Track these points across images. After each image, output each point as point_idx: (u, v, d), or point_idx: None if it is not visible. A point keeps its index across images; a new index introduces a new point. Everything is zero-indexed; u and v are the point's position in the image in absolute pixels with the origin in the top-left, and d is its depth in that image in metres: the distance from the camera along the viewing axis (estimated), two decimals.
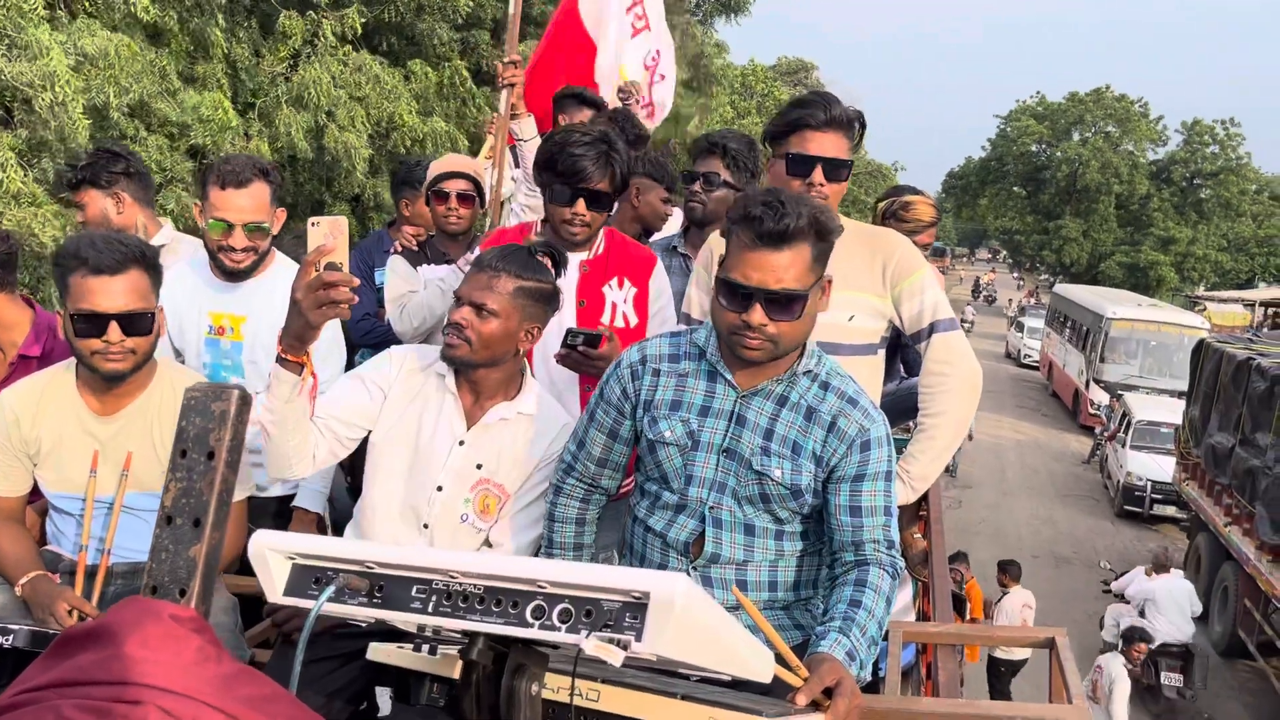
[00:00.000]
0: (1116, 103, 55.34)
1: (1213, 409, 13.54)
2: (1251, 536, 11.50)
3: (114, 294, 2.33)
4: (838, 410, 2.06)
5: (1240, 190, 53.03)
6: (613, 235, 2.93)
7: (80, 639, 0.99)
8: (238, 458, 1.28)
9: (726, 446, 2.07)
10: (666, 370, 2.15)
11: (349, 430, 2.35)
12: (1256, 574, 11.15)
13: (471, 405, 2.38)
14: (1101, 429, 21.93)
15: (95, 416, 2.48)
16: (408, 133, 10.80)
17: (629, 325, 2.85)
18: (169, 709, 0.91)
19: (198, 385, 1.32)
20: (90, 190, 3.40)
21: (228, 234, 2.87)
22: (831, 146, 2.60)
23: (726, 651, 1.26)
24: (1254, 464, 11.52)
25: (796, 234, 1.92)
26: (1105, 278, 49.41)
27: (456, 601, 1.20)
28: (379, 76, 10.73)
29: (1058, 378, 29.05)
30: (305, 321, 1.97)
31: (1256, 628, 11.37)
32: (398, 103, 10.91)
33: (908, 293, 2.72)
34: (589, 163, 2.67)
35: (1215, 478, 13.06)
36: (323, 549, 1.31)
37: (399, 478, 2.36)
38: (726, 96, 30.37)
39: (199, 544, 1.20)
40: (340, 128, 10.18)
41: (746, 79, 36.59)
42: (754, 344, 1.97)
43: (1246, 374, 12.29)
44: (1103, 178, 53.25)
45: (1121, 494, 18.03)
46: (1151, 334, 24.63)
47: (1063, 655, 2.76)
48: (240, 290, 2.97)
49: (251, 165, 2.91)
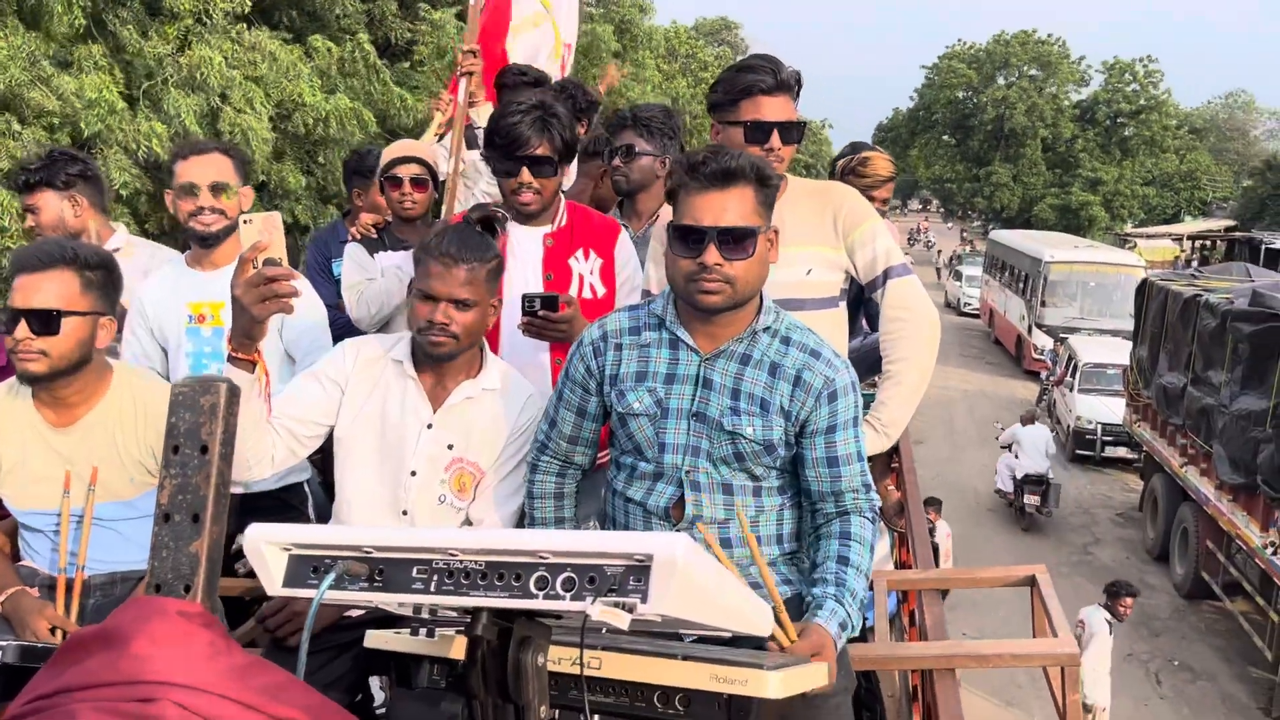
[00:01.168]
0: (1039, 45, 55.66)
1: (1161, 349, 13.36)
2: (1210, 476, 11.33)
3: (29, 291, 2.31)
4: (801, 364, 2.08)
5: (1162, 126, 53.79)
6: (574, 207, 2.92)
7: (87, 643, 1.00)
8: (231, 450, 1.25)
9: (696, 411, 2.09)
10: (628, 343, 2.16)
11: (307, 429, 2.34)
12: (1218, 514, 11.00)
13: (434, 387, 2.39)
14: (1047, 374, 21.90)
15: (53, 429, 2.45)
16: (310, 112, 10.04)
17: (596, 296, 2.83)
18: (185, 704, 0.92)
19: (185, 380, 1.28)
20: (45, 192, 3.31)
21: (193, 196, 2.90)
22: (782, 109, 2.61)
23: (728, 608, 1.28)
24: (1208, 403, 11.33)
25: (739, 173, 1.98)
26: (1038, 221, 49.86)
27: (459, 579, 1.19)
28: (275, 54, 9.95)
29: (999, 324, 29.07)
30: (250, 317, 1.95)
31: (1220, 569, 11.24)
32: (298, 81, 10.15)
33: (859, 241, 2.74)
34: (525, 128, 2.67)
35: (1168, 418, 12.89)
36: (319, 538, 1.30)
37: (371, 469, 2.38)
38: (653, 60, 29.84)
39: (199, 539, 1.19)
40: (237, 110, 9.40)
41: (670, 41, 36.04)
42: (711, 286, 1.99)
43: (1195, 311, 12.08)
44: (1029, 121, 53.63)
45: (1072, 438, 17.94)
46: (1090, 275, 24.65)
47: (1044, 592, 2.81)
48: (217, 278, 2.96)
49: (210, 140, 3.13)
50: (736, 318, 2.08)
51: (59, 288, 2.33)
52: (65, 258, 2.35)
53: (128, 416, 2.47)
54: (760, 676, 1.36)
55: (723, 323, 2.08)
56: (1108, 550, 13.89)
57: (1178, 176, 53.86)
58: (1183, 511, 12.50)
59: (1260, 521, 9.92)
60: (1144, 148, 53.64)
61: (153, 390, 2.53)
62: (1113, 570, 13.14)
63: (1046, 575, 2.93)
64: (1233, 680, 10.42)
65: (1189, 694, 10.02)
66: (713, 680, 1.37)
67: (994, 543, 13.70)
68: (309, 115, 10.08)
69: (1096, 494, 16.43)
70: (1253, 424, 10.03)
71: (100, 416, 2.46)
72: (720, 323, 2.07)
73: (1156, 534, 13.50)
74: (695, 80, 35.02)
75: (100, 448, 2.45)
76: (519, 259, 2.79)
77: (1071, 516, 15.28)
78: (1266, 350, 10.01)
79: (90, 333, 2.40)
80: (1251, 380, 10.27)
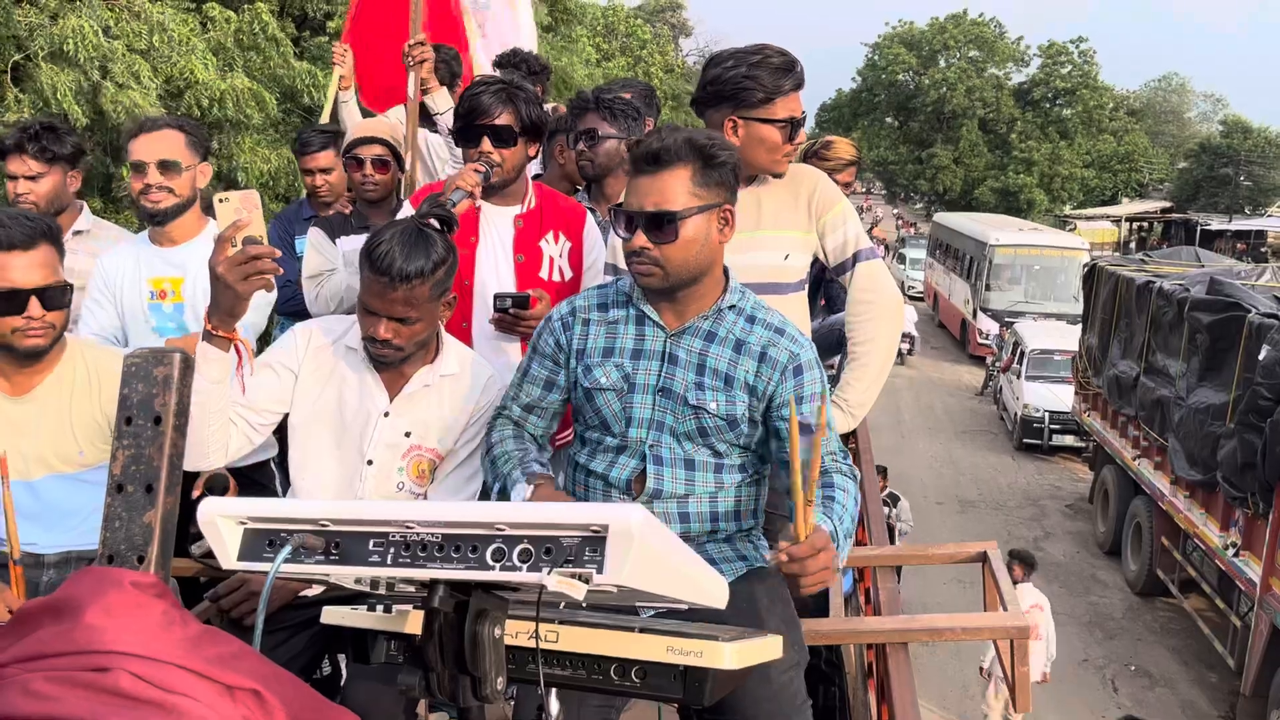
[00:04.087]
0: (975, 26, 55.68)
1: (1112, 337, 12.94)
2: (1164, 471, 10.91)
3: (31, 269, 2.34)
4: (766, 340, 2.10)
5: (1098, 105, 54.14)
6: (542, 189, 2.92)
7: (37, 614, 1.00)
8: (184, 421, 1.23)
9: (662, 386, 2.11)
10: (596, 319, 2.19)
11: (260, 417, 2.33)
12: (1173, 510, 10.58)
13: (391, 374, 2.35)
14: (993, 359, 21.59)
15: (7, 397, 2.44)
16: (203, 91, 9.11)
17: (564, 279, 2.84)
18: (139, 673, 0.92)
19: (138, 351, 1.25)
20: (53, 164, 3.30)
21: (141, 174, 2.92)
22: (798, 104, 2.65)
23: (685, 579, 1.28)
24: (1163, 394, 10.90)
25: (669, 156, 1.98)
26: (980, 204, 49.90)
27: (415, 551, 1.19)
28: (163, 24, 9.01)
29: (943, 308, 28.80)
30: (234, 294, 1.98)
31: (1176, 566, 10.84)
32: (189, 56, 9.22)
33: (830, 225, 2.76)
34: (488, 98, 2.67)
35: (1119, 409, 12.48)
36: (274, 511, 1.27)
37: (327, 457, 2.37)
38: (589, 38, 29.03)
39: (153, 509, 1.18)
40: (119, 86, 8.47)
41: (609, 19, 35.24)
42: (642, 269, 2.03)
43: (1149, 299, 11.64)
44: (969, 102, 53.63)
45: (1020, 427, 17.58)
46: (1035, 258, 24.41)
47: (995, 567, 2.88)
48: (176, 254, 3.01)
49: (164, 117, 3.05)
50: (699, 294, 2.09)
51: (52, 261, 2.38)
52: (44, 231, 2.37)
53: (80, 385, 2.46)
54: (715, 648, 1.36)
55: (686, 299, 2.09)
56: (1059, 544, 13.49)
57: (1115, 158, 54.31)
58: (1135, 505, 12.10)
59: (1220, 520, 9.49)
60: (1081, 129, 53.97)
61: (105, 357, 2.52)
62: (1064, 566, 12.76)
63: (998, 551, 3.00)
64: (1191, 685, 10.03)
65: (1148, 701, 9.59)
66: (668, 652, 1.37)
67: (941, 537, 13.23)
68: (202, 94, 9.15)
69: (1045, 484, 16.07)
70: (1211, 418, 9.57)
71: (54, 385, 2.46)
72: (684, 299, 2.09)
73: (1108, 528, 13.11)
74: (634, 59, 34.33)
75: (51, 415, 2.45)
76: (490, 239, 2.77)
77: (1020, 509, 14.90)
78: (1226, 341, 9.55)
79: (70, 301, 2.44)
80: (1210, 372, 9.82)
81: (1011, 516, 14.47)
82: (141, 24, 9.08)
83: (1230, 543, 9.25)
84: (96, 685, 0.90)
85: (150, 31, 9.06)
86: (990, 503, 15.03)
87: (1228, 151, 51.68)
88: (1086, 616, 11.33)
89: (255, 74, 10.11)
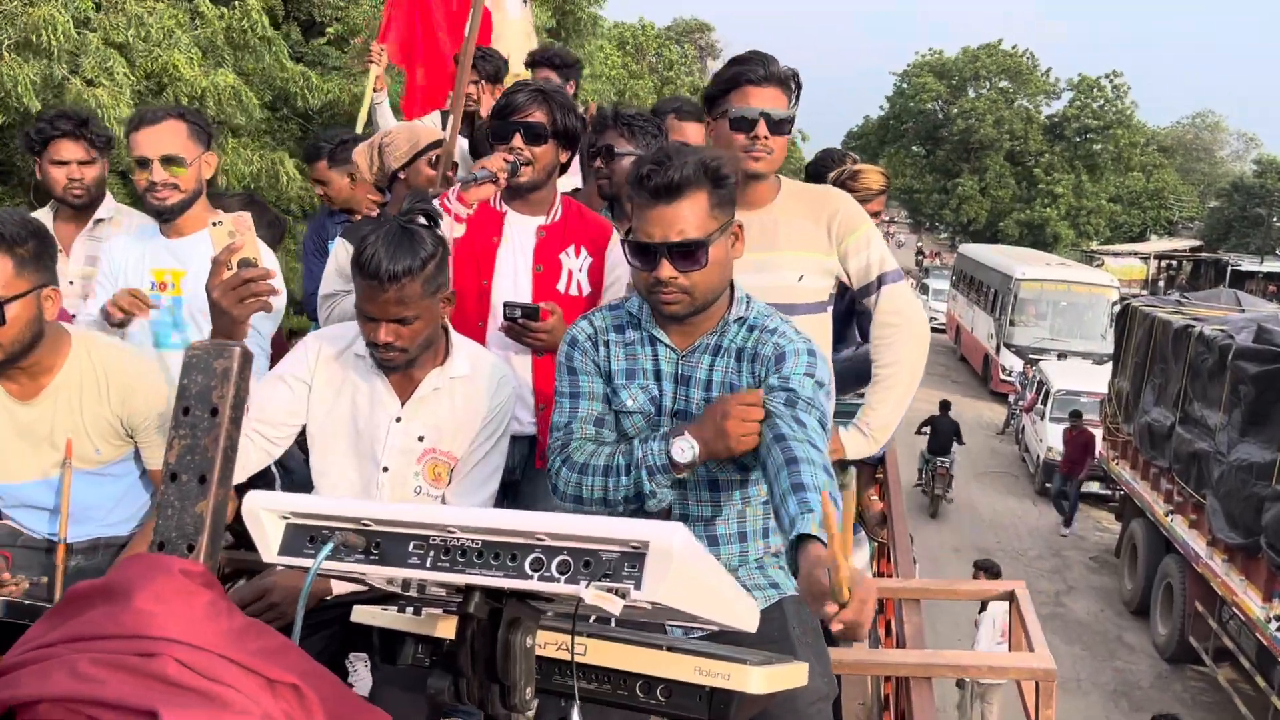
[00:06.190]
0: (1008, 57, 55.00)
1: (1145, 382, 12.18)
2: (1201, 530, 10.13)
3: None
4: (759, 340, 2.11)
5: (1130, 143, 53.32)
6: (569, 204, 2.91)
7: (89, 595, 1.01)
8: (240, 414, 1.26)
9: (677, 409, 2.12)
10: (614, 340, 2.19)
11: (278, 431, 2.36)
12: (1209, 573, 9.80)
13: (401, 379, 2.37)
14: (1016, 397, 20.81)
15: (17, 402, 2.45)
16: (185, 88, 8.55)
17: (582, 294, 2.82)
18: (184, 660, 0.93)
19: (199, 343, 1.28)
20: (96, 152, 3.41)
21: (145, 170, 2.90)
22: (771, 100, 2.64)
23: (718, 600, 1.29)
24: (1201, 447, 10.14)
25: (685, 184, 1.98)
26: (1004, 236, 49.13)
27: (455, 556, 1.20)
28: (142, 17, 8.45)
29: (966, 341, 28.02)
30: (231, 318, 2.02)
31: (1211, 634, 10.03)
32: (172, 50, 8.66)
33: (854, 248, 2.76)
34: (523, 97, 2.70)
35: (1152, 459, 11.72)
36: (318, 508, 1.30)
37: (345, 465, 2.39)
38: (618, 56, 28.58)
39: (205, 500, 1.20)
40: (86, 81, 7.91)
41: (636, 39, 34.89)
42: (670, 298, 2.03)
43: (1187, 343, 10.89)
44: (997, 133, 52.91)
45: (1042, 470, 16.80)
46: (1062, 294, 23.63)
47: (1023, 606, 2.93)
48: (180, 246, 2.99)
49: (167, 107, 3.09)
50: (710, 313, 2.10)
51: None
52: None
53: (89, 384, 2.46)
54: (743, 671, 1.33)
55: (695, 320, 2.10)
56: (1082, 600, 12.69)
57: (1144, 195, 53.41)
58: (1167, 565, 11.30)
59: (1262, 589, 8.72)
60: (1112, 164, 53.14)
61: (113, 356, 2.49)
62: (1088, 625, 11.98)
63: (1025, 591, 2.96)
64: None
65: None
66: (695, 672, 1.35)
67: None
68: (182, 91, 8.58)
69: (1068, 534, 15.24)
70: (1256, 477, 8.82)
71: (61, 384, 2.45)
72: (693, 320, 2.10)
73: (1135, 586, 12.30)
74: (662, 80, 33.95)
75: (64, 418, 2.46)
76: (511, 246, 2.78)
77: (1041, 559, 14.12)
78: (1274, 394, 8.82)
79: (36, 310, 2.33)
80: (1254, 426, 9.08)
81: (1031, 568, 13.68)
82: (120, 15, 8.55)
83: (1274, 615, 8.48)
84: (142, 670, 0.92)
85: (129, 24, 8.52)
86: (1009, 551, 14.23)
87: (1261, 192, 50.64)
88: (1112, 685, 10.55)
89: (248, 73, 9.57)
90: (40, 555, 2.51)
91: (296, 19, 13.12)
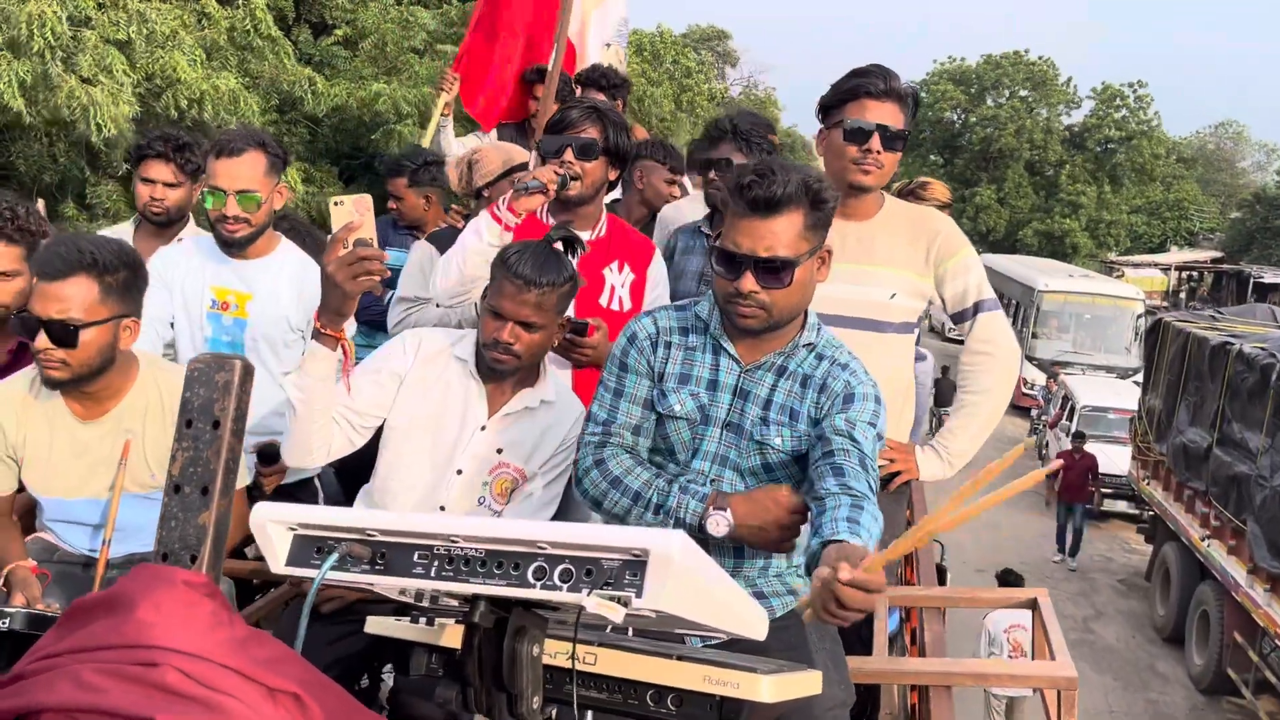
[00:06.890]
0: (1030, 66, 54.49)
1: (1180, 400, 11.75)
2: (1240, 557, 9.70)
3: (47, 300, 2.32)
4: (828, 373, 2.10)
5: (1152, 154, 52.73)
6: (614, 220, 2.99)
7: (93, 607, 1.03)
8: (242, 427, 1.26)
9: (730, 421, 2.11)
10: (676, 343, 2.17)
11: (364, 420, 2.39)
12: (1249, 603, 9.36)
13: (494, 391, 2.43)
14: (1039, 412, 20.34)
15: (80, 421, 2.49)
16: (185, 90, 8.24)
17: (623, 309, 2.89)
18: (186, 670, 0.95)
19: (201, 356, 1.29)
20: (183, 174, 3.43)
21: (220, 203, 2.92)
22: (889, 115, 2.63)
23: (724, 608, 1.29)
24: (1241, 470, 9.71)
25: (785, 201, 1.96)
26: (1023, 246, 48.63)
27: (459, 565, 1.21)
28: (143, 14, 8.15)
29: None
30: (342, 293, 2.06)
31: (1252, 666, 9.58)
32: (175, 51, 8.36)
33: (952, 272, 2.75)
34: (577, 113, 2.77)
35: (1186, 480, 11.28)
36: (324, 519, 1.30)
37: (418, 461, 2.42)
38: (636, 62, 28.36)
39: (207, 511, 1.21)
40: (83, 80, 7.61)
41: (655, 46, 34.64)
42: (747, 311, 2.02)
43: (1225, 361, 10.47)
44: (1017, 143, 52.40)
45: None
46: (1086, 307, 23.21)
47: (1045, 615, 2.88)
48: (246, 268, 3.02)
49: (248, 135, 2.99)
50: (782, 332, 2.09)
51: (78, 297, 2.31)
52: (84, 264, 2.31)
53: (154, 411, 2.49)
54: (753, 680, 1.34)
55: (766, 336, 2.08)
56: (1111, 626, 12.25)
57: (1165, 205, 52.77)
58: (1203, 592, 10.85)
59: None
60: (1133, 175, 52.55)
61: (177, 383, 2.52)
62: (1118, 653, 11.53)
63: (1048, 599, 2.95)
64: None
65: None
66: (705, 681, 1.36)
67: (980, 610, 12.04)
68: (182, 94, 8.27)
69: (1095, 554, 14.80)
70: None
71: (125, 411, 2.49)
72: (763, 336, 2.08)
73: (1168, 613, 11.84)
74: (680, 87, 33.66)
75: (123, 440, 2.47)
76: None
77: (1067, 582, 13.67)
78: None
79: (112, 338, 2.38)
80: None
81: (1058, 590, 13.19)
82: (120, 13, 8.25)
83: None
84: (144, 679, 0.94)
85: (129, 22, 8.22)
86: (1035, 573, 13.74)
87: None
88: (1145, 717, 10.10)
89: (253, 75, 9.28)
90: (77, 570, 2.56)
91: (308, 21, 12.86)
